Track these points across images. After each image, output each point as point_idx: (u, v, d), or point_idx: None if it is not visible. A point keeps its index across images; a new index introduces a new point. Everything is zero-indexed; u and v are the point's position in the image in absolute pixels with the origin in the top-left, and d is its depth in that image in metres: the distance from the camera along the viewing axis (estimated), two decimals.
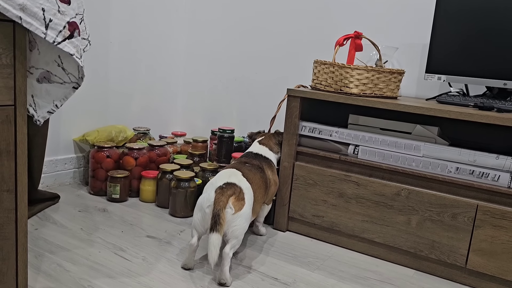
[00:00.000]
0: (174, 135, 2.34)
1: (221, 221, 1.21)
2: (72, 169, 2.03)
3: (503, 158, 1.35)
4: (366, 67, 1.54)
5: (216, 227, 1.21)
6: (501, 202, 1.34)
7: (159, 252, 1.44)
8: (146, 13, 2.25)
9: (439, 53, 1.66)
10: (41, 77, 1.02)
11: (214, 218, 1.22)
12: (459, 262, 1.41)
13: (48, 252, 1.37)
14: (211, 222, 1.22)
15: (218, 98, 2.43)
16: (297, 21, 2.12)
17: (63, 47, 0.95)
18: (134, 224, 1.65)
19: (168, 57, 2.43)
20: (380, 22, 1.92)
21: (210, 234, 1.21)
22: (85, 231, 1.55)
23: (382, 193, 1.51)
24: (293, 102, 1.65)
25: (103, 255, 1.39)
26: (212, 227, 1.21)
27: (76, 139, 2.02)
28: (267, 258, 1.47)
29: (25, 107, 0.95)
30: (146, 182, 1.89)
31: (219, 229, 1.21)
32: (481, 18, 1.57)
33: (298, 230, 1.71)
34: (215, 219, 1.22)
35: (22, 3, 0.87)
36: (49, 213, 1.67)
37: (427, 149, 1.46)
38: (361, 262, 1.52)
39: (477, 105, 1.46)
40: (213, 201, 1.26)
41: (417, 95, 1.88)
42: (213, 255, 1.19)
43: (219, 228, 1.21)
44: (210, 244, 1.20)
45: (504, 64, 1.54)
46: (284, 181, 1.69)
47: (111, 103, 2.17)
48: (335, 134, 1.62)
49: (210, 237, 1.21)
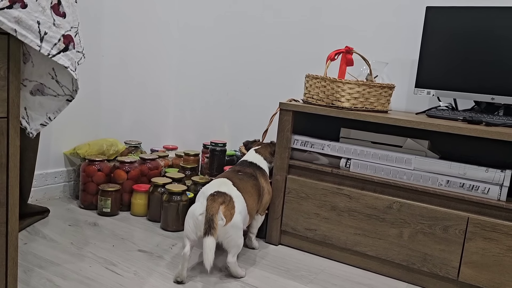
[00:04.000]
0: (166, 149, 2.33)
1: (214, 225, 1.27)
2: (62, 183, 2.01)
3: (493, 171, 1.37)
4: (357, 82, 1.56)
5: (210, 231, 1.26)
6: (491, 214, 1.36)
7: (151, 266, 1.43)
8: (138, 27, 2.26)
9: (428, 68, 1.69)
10: (35, 89, 1.02)
11: (208, 222, 1.27)
12: (451, 275, 1.41)
13: (37, 267, 1.35)
14: (205, 227, 1.27)
15: (209, 112, 2.43)
16: (288, 36, 2.15)
17: (57, 60, 0.95)
18: (125, 238, 1.63)
19: (160, 70, 2.44)
20: (370, 38, 1.96)
21: (205, 238, 1.25)
22: (76, 246, 1.53)
23: (374, 206, 1.52)
24: (285, 116, 1.66)
25: (94, 269, 1.37)
26: (207, 231, 1.26)
27: (67, 152, 2.00)
28: (260, 272, 1.46)
29: (18, 119, 0.94)
30: (137, 195, 1.87)
31: (213, 233, 1.26)
32: (468, 34, 1.61)
33: (290, 243, 1.71)
34: (209, 223, 1.27)
35: (17, 16, 0.87)
36: (39, 227, 1.65)
37: (418, 162, 1.47)
38: (353, 275, 1.52)
39: (466, 119, 1.49)
40: (206, 208, 1.30)
41: (407, 109, 1.91)
42: (208, 258, 1.24)
43: (213, 232, 1.26)
44: (205, 247, 1.25)
45: (492, 79, 1.58)
46: (277, 195, 1.69)
47: (102, 116, 2.17)
48: (327, 148, 1.63)
49: (205, 241, 1.25)
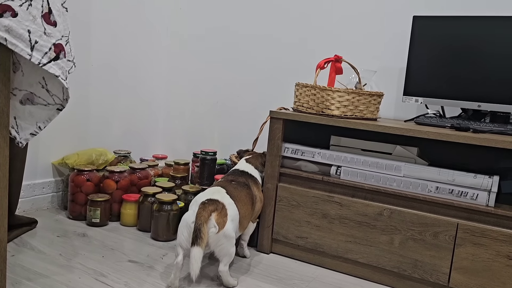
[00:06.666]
0: (155, 158, 2.32)
1: (202, 235, 1.25)
2: (50, 193, 1.98)
3: (481, 177, 1.39)
4: (347, 90, 1.58)
5: (197, 241, 1.24)
6: (480, 220, 1.38)
7: (141, 276, 1.41)
8: (127, 36, 2.25)
9: (416, 76, 1.71)
10: (25, 98, 1.01)
11: (195, 232, 1.25)
12: (441, 281, 1.42)
13: (25, 279, 1.32)
14: (193, 236, 1.25)
15: (199, 121, 2.43)
16: (278, 45, 2.17)
17: (48, 69, 0.94)
18: (115, 249, 1.61)
19: (150, 80, 2.43)
20: (358, 46, 1.98)
21: (192, 248, 1.24)
22: (64, 257, 1.50)
23: (365, 213, 1.53)
24: (275, 124, 1.67)
25: (83, 281, 1.35)
26: (193, 241, 1.24)
27: (55, 162, 1.98)
28: (252, 281, 1.45)
29: (7, 129, 0.93)
30: (127, 205, 1.86)
31: (200, 243, 1.24)
32: (455, 43, 1.64)
33: (282, 251, 1.70)
34: (196, 233, 1.25)
35: (7, 25, 0.87)
36: (26, 239, 1.62)
37: (408, 169, 1.49)
38: (345, 283, 1.52)
39: (453, 126, 1.51)
40: (195, 216, 1.28)
41: (395, 116, 1.93)
42: (194, 268, 1.23)
43: (200, 242, 1.24)
44: (191, 257, 1.23)
45: (478, 87, 1.61)
46: (268, 203, 1.69)
47: (91, 126, 2.15)
48: (318, 156, 1.64)
49: (191, 250, 1.24)
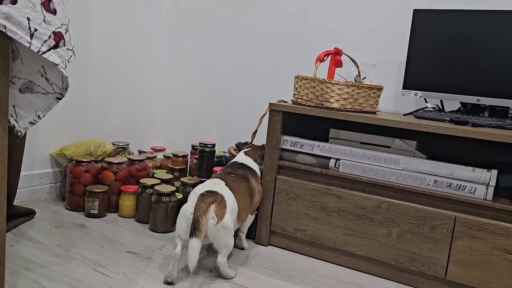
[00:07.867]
0: (154, 150, 2.32)
1: (200, 226, 1.25)
2: (48, 184, 1.98)
3: (479, 170, 1.39)
4: (346, 83, 1.58)
5: (195, 232, 1.24)
6: (478, 213, 1.38)
7: (140, 267, 1.41)
8: (126, 27, 2.24)
9: (415, 70, 1.71)
10: (24, 87, 1.01)
11: (193, 223, 1.25)
12: (439, 274, 1.43)
13: (24, 269, 1.32)
14: (191, 228, 1.25)
15: (198, 113, 2.42)
16: (278, 38, 2.16)
17: (48, 57, 0.94)
18: (113, 240, 1.61)
19: (148, 71, 2.42)
20: (358, 39, 1.98)
21: (190, 239, 1.24)
22: (63, 247, 1.50)
23: (363, 206, 1.53)
24: (275, 117, 1.67)
25: (81, 271, 1.35)
26: (192, 233, 1.24)
27: (53, 153, 1.97)
28: (250, 273, 1.46)
29: (6, 117, 0.93)
30: (125, 197, 1.86)
31: (198, 235, 1.24)
32: (455, 37, 1.64)
33: (280, 244, 1.71)
34: (195, 224, 1.25)
35: (6, 12, 0.86)
36: (24, 229, 1.62)
37: (406, 163, 1.49)
38: (343, 275, 1.52)
39: (452, 120, 1.51)
40: (194, 207, 1.28)
41: (394, 110, 1.93)
42: (192, 260, 1.23)
43: (198, 234, 1.24)
44: (190, 249, 1.24)
45: (477, 81, 1.61)
46: (266, 195, 1.69)
47: (90, 117, 2.14)
48: (317, 148, 1.64)
49: (190, 242, 1.24)
